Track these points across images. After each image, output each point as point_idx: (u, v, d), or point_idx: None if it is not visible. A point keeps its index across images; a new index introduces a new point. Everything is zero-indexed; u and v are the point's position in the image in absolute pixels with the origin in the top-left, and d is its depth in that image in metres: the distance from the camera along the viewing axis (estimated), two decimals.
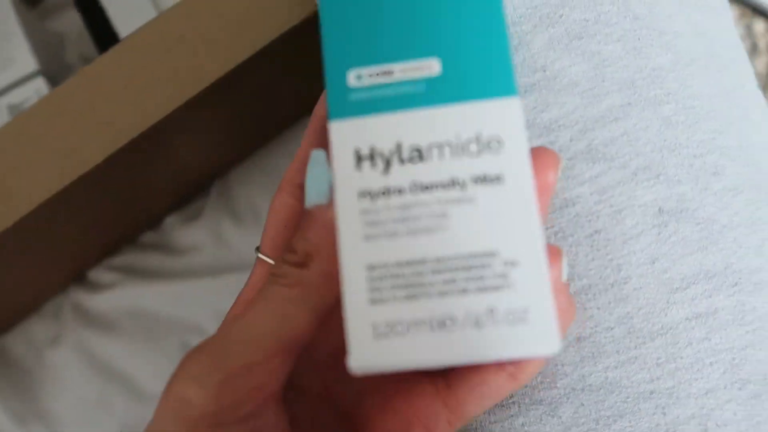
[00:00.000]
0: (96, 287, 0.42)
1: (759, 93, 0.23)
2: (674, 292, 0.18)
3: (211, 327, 0.41)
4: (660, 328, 0.18)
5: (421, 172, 0.14)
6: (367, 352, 0.13)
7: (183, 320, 0.41)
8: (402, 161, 0.14)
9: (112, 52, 0.33)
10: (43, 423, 0.40)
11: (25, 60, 0.41)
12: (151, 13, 0.42)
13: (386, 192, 0.14)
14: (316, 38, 0.35)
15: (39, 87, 0.41)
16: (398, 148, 0.14)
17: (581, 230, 0.19)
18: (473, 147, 0.14)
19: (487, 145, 0.14)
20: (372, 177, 0.14)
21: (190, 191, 0.43)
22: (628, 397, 0.18)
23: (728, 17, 0.23)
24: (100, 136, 0.32)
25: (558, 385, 0.19)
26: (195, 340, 0.41)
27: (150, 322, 0.41)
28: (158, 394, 0.40)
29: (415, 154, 0.14)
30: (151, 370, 0.40)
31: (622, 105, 0.19)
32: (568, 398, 0.19)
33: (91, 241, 0.41)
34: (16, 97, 0.41)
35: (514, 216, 0.13)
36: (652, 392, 0.18)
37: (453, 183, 0.14)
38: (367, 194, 0.14)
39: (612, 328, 0.18)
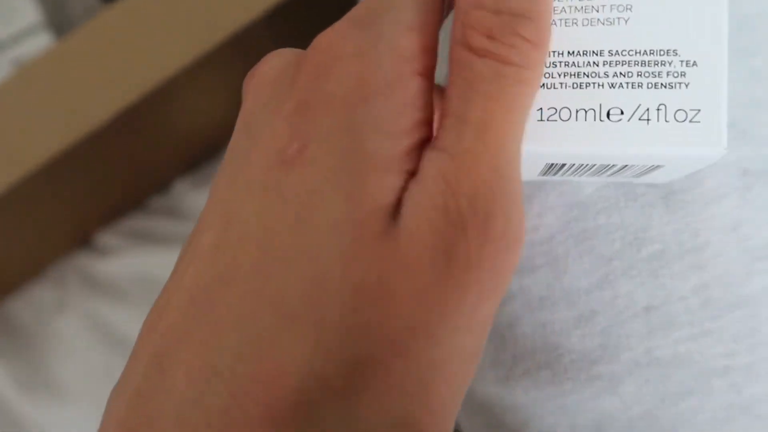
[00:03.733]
0: (102, 252, 0.41)
1: None
2: (757, 260, 0.17)
3: None
4: (740, 299, 0.17)
5: None
6: (532, 133, 0.13)
7: None
8: None
9: (120, 4, 0.31)
10: (48, 390, 0.39)
11: (29, 11, 0.39)
12: None
13: None
14: None
15: (43, 40, 0.38)
16: None
17: (655, 190, 0.17)
18: None
19: None
20: None
21: (201, 154, 0.42)
22: (699, 373, 0.17)
23: None
24: (107, 92, 0.31)
25: (621, 359, 0.18)
26: None
27: (157, 289, 0.40)
28: None
29: None
30: None
31: None
32: (631, 374, 0.17)
33: (97, 203, 0.40)
34: (19, 49, 0.38)
35: (701, 16, 0.13)
36: (726, 368, 0.17)
37: None
38: None
39: (686, 298, 0.17)
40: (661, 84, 0.13)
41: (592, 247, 0.17)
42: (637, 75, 0.13)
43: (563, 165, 0.15)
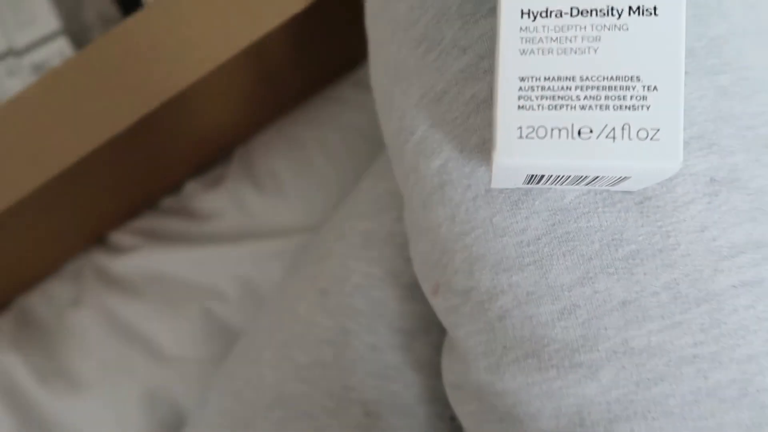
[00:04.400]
0: (117, 250, 0.42)
1: None
2: (722, 260, 0.18)
3: (232, 294, 0.41)
4: (706, 295, 0.18)
5: None
6: (512, 149, 0.15)
7: (203, 286, 0.41)
8: None
9: (138, 15, 0.32)
10: (64, 381, 0.40)
11: (47, 18, 0.41)
12: None
13: (547, 13, 0.15)
14: (346, 9, 0.34)
15: (61, 46, 0.40)
16: None
17: (630, 196, 0.19)
18: None
19: None
20: None
21: (212, 157, 0.43)
22: (670, 361, 0.19)
23: None
24: (126, 100, 0.32)
25: (600, 348, 0.19)
26: (216, 307, 0.41)
27: (171, 286, 0.41)
28: (179, 357, 0.40)
29: None
30: (172, 334, 0.40)
31: None
32: (609, 361, 0.19)
33: (113, 204, 0.41)
34: (38, 56, 0.40)
35: (661, 47, 0.15)
36: (695, 356, 0.19)
37: (610, 11, 0.15)
38: (528, 13, 0.15)
39: (658, 293, 0.19)
40: (626, 106, 0.15)
41: (573, 247, 0.19)
42: (605, 98, 0.15)
43: (542, 176, 0.16)
